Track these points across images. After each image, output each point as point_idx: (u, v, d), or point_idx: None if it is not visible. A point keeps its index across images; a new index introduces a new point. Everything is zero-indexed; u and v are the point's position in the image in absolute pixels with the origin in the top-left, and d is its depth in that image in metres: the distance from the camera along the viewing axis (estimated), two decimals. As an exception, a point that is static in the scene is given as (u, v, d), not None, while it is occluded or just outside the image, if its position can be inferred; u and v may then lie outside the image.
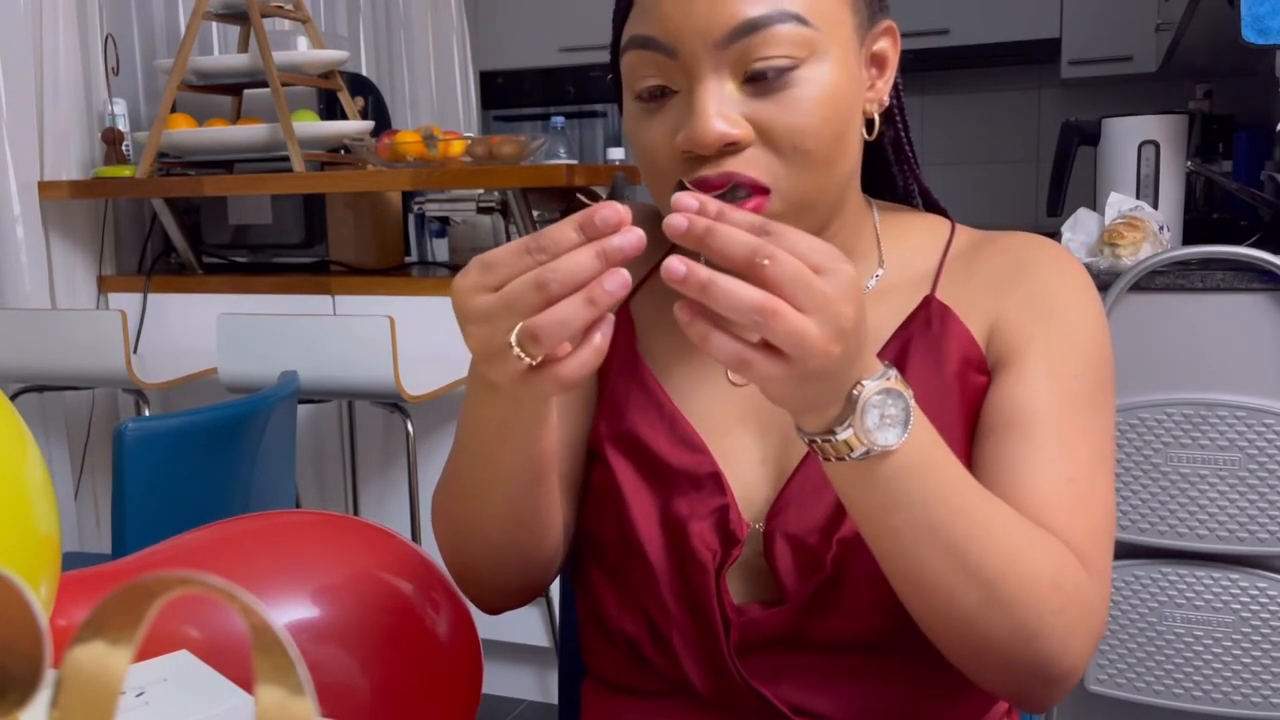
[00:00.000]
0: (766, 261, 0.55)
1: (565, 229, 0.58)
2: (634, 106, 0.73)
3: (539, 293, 0.57)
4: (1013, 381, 0.75)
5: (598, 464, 0.81)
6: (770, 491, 0.77)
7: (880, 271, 0.80)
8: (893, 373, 0.60)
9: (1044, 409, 0.73)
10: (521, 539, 0.77)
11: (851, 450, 0.60)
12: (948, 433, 0.72)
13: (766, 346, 0.56)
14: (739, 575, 0.76)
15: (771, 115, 0.68)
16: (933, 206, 0.88)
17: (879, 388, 0.59)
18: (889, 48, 0.76)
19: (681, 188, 0.63)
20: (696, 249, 0.56)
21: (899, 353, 0.77)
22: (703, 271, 0.55)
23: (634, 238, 0.57)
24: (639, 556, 0.77)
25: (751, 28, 0.67)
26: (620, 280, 0.57)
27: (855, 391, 0.59)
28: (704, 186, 0.68)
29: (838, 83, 0.69)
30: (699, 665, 0.77)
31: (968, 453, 0.75)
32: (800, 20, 0.67)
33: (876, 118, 0.75)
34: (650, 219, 0.87)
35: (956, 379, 0.76)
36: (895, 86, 0.79)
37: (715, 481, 0.76)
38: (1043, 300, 0.76)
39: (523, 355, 0.59)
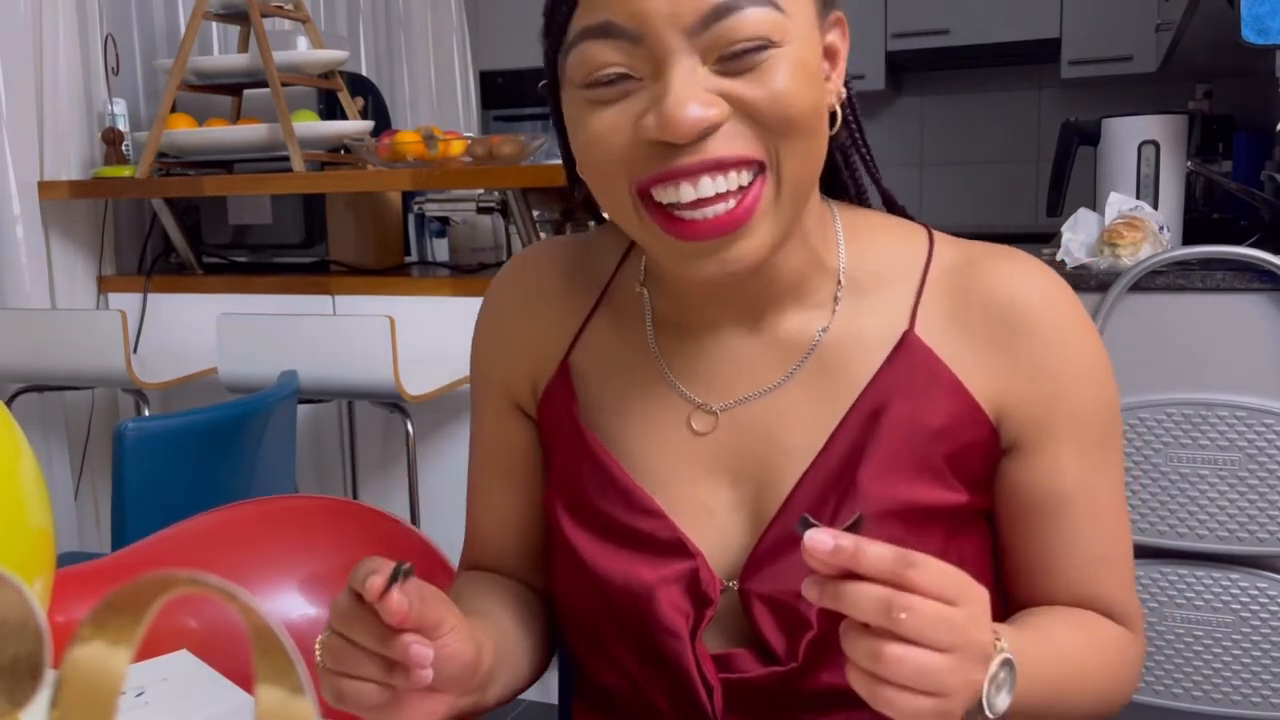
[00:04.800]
0: (903, 615, 0.54)
1: (370, 632, 0.60)
2: (581, 99, 0.67)
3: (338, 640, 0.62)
4: (1040, 465, 0.74)
5: (560, 535, 0.77)
6: (748, 538, 0.73)
7: (839, 294, 0.75)
8: (1002, 643, 0.61)
9: (1074, 488, 0.74)
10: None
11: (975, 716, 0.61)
12: (932, 485, 0.72)
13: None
14: (719, 626, 0.74)
15: (747, 89, 0.64)
16: (897, 212, 0.82)
17: (995, 667, 0.59)
18: (839, 40, 0.71)
19: (805, 524, 0.56)
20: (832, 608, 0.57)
21: (876, 404, 0.72)
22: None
23: (425, 679, 0.61)
24: (612, 626, 0.75)
25: (725, 10, 0.63)
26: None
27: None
28: (681, 175, 0.64)
29: (808, 63, 0.66)
30: None
31: (970, 501, 0.74)
32: (772, 4, 0.64)
33: (839, 110, 0.71)
34: (573, 257, 0.83)
35: (944, 435, 0.73)
36: (847, 86, 0.74)
37: (679, 545, 0.73)
38: (1050, 370, 0.73)
39: (319, 653, 0.63)
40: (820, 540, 0.55)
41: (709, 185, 0.64)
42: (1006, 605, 0.79)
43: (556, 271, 0.82)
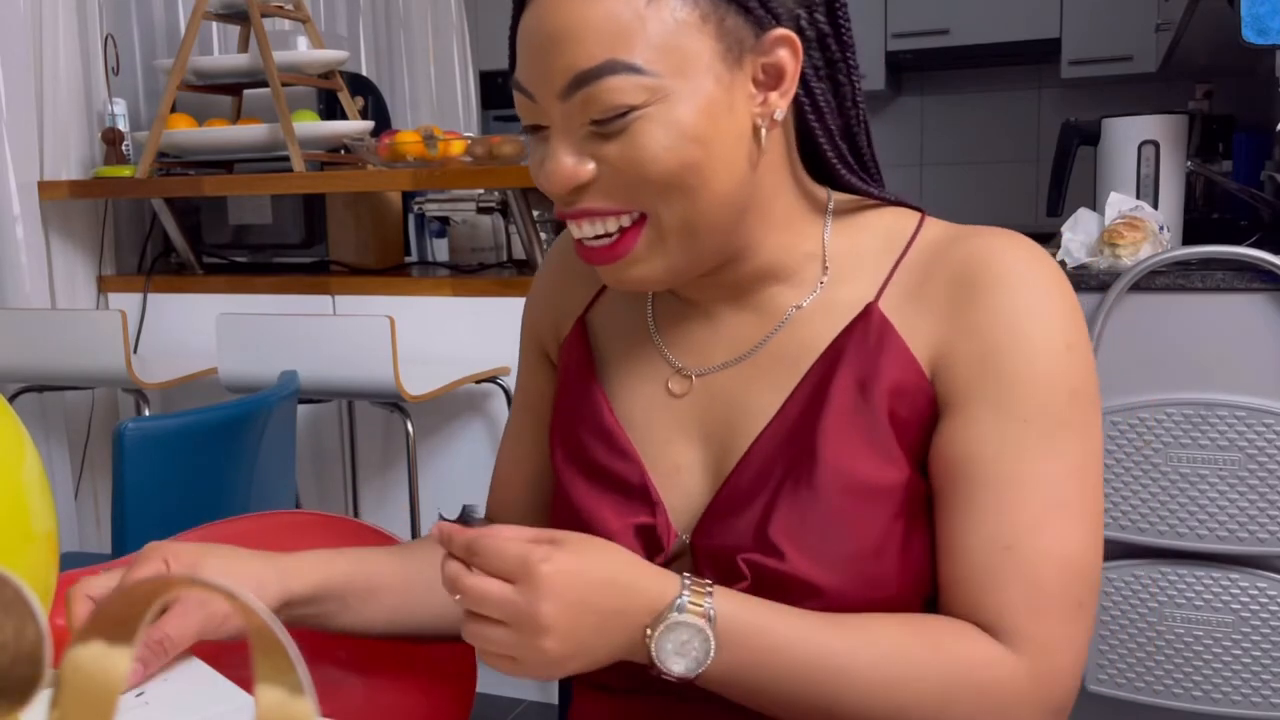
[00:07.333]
0: (458, 596, 0.65)
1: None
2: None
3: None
4: (957, 429, 0.72)
5: (553, 464, 0.85)
6: (709, 497, 0.77)
7: (824, 279, 0.77)
8: (682, 601, 0.66)
9: (985, 463, 0.70)
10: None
11: (665, 675, 0.67)
12: (878, 457, 0.72)
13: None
14: None
15: (613, 151, 0.69)
16: (879, 199, 0.82)
17: (664, 627, 0.66)
18: (787, 58, 0.70)
19: (440, 517, 0.69)
20: None
21: (828, 367, 0.74)
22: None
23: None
24: None
25: (584, 80, 0.67)
26: None
27: (646, 639, 0.66)
28: (564, 218, 0.73)
29: (688, 119, 0.68)
30: None
31: (912, 478, 0.73)
32: (635, 70, 0.66)
33: (763, 131, 0.71)
34: None
35: (886, 399, 0.73)
36: (813, 84, 0.74)
37: (643, 492, 0.78)
38: (991, 332, 0.71)
39: None
40: (435, 530, 0.67)
41: (587, 229, 0.72)
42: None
43: None
